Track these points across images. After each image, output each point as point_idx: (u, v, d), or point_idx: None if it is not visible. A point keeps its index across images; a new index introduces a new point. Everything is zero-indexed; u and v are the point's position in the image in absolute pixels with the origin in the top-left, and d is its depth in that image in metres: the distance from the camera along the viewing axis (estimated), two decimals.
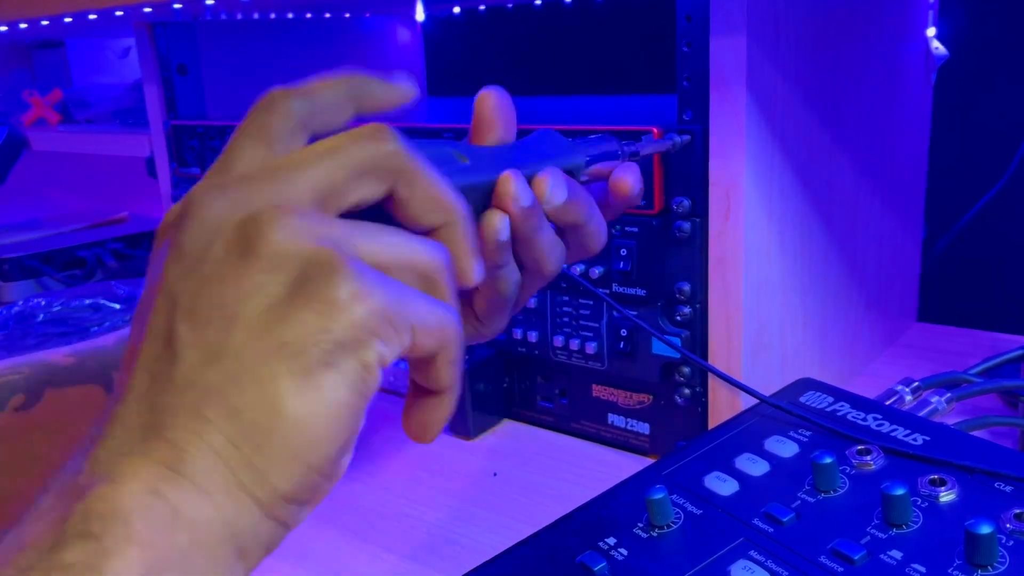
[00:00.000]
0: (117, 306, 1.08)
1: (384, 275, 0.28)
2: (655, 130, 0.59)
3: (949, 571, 0.36)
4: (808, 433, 0.48)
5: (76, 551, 0.24)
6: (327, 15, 1.10)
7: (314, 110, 0.33)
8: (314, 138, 0.32)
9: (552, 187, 0.37)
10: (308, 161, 0.29)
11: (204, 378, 0.26)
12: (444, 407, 0.32)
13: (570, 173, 0.39)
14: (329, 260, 0.27)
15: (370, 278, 0.27)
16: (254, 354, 0.26)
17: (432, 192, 0.31)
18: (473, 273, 0.33)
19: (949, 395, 0.59)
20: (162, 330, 0.27)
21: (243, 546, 0.26)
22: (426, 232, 0.32)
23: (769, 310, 0.63)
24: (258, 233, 0.27)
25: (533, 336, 0.70)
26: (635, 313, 0.63)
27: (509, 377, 0.74)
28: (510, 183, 0.35)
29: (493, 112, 0.38)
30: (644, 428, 0.67)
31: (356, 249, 0.28)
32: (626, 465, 0.66)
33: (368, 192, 0.30)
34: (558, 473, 0.66)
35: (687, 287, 0.61)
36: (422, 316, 0.29)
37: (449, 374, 0.31)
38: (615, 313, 0.65)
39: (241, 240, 0.27)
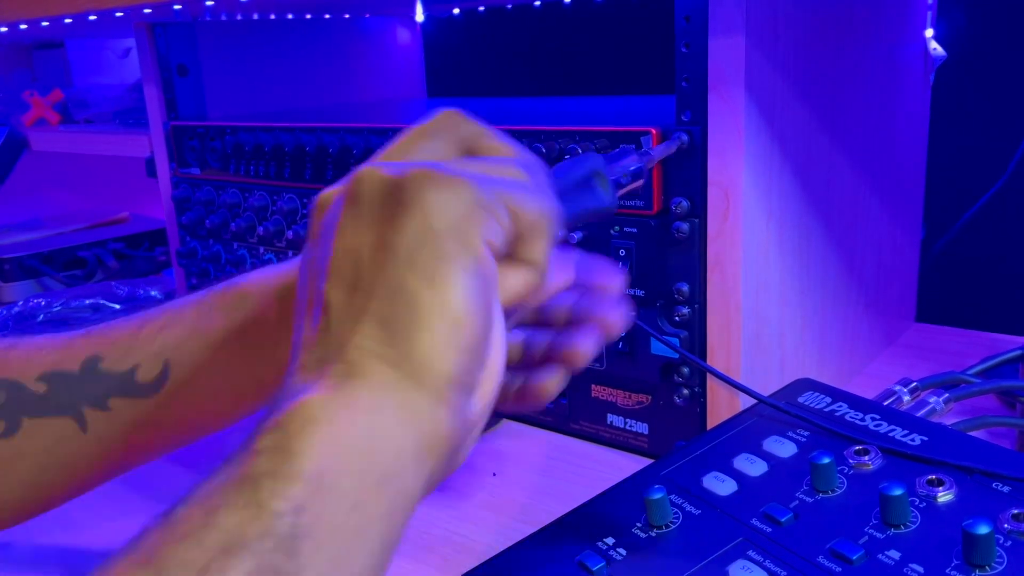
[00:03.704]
0: (117, 306, 1.08)
1: (470, 171, 0.32)
2: (653, 131, 0.59)
3: (947, 571, 0.37)
4: (806, 433, 0.48)
5: (268, 439, 0.27)
6: (327, 15, 1.10)
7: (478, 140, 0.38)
8: None
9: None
10: (404, 143, 0.37)
11: (352, 308, 0.30)
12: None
13: (596, 174, 0.41)
14: (415, 171, 0.31)
15: (457, 175, 0.31)
16: (381, 270, 0.30)
17: (502, 147, 0.37)
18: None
19: (947, 395, 0.59)
20: (314, 292, 0.32)
21: (424, 436, 0.30)
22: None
23: (768, 310, 0.63)
24: (359, 185, 0.32)
25: None
26: (634, 313, 0.63)
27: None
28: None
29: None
30: (643, 428, 0.67)
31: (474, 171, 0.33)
32: (625, 465, 0.66)
33: (499, 231, 0.34)
34: (557, 473, 0.66)
35: (686, 287, 0.61)
36: (515, 197, 0.33)
37: (542, 249, 0.34)
38: None
39: (350, 198, 0.32)
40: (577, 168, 0.40)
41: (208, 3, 0.83)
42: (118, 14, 0.87)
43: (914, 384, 0.60)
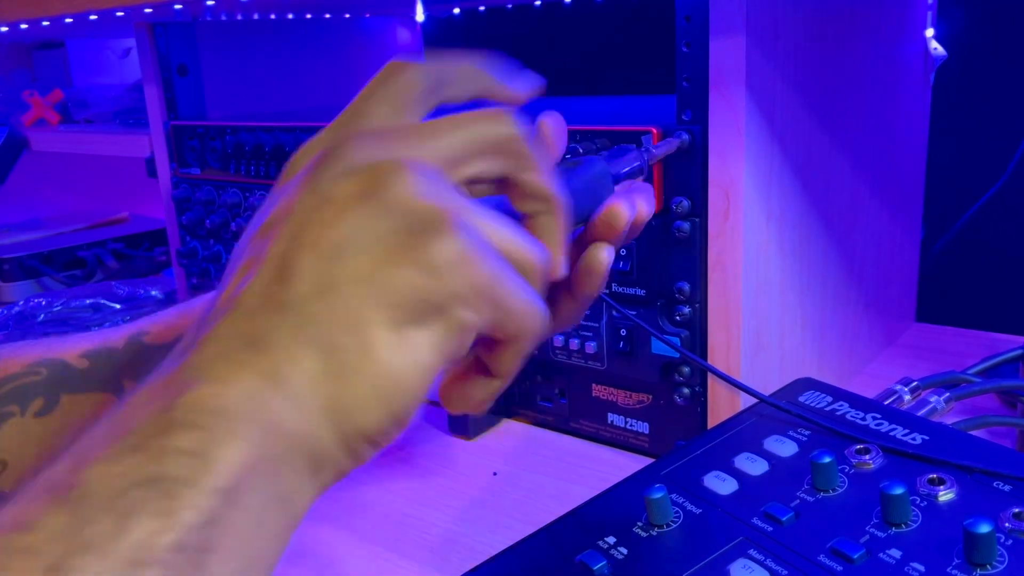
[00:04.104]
0: (117, 306, 1.08)
1: (492, 248, 0.30)
2: (654, 130, 0.59)
3: (948, 570, 0.37)
4: (807, 432, 0.48)
5: (185, 438, 0.25)
6: (327, 15, 1.10)
7: (439, 83, 0.35)
8: (437, 111, 0.34)
9: (650, 203, 0.40)
10: (440, 129, 0.31)
11: (309, 307, 0.28)
12: (493, 389, 0.34)
13: (602, 182, 0.40)
14: (443, 219, 0.28)
15: (479, 246, 0.29)
16: (357, 295, 0.28)
17: (543, 181, 0.33)
18: (561, 266, 0.35)
19: (948, 395, 0.59)
20: (281, 256, 0.28)
21: (319, 467, 0.28)
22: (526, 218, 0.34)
23: (768, 310, 0.63)
24: (384, 180, 0.28)
25: None
26: (634, 313, 0.63)
27: None
28: (623, 208, 0.38)
29: (554, 136, 0.40)
30: (644, 427, 0.67)
31: (469, 219, 0.30)
32: (626, 464, 0.66)
33: (488, 168, 0.32)
34: (558, 473, 0.66)
35: (686, 287, 0.61)
36: (516, 299, 0.30)
37: (514, 363, 0.32)
38: (615, 313, 0.65)
39: (368, 184, 0.28)
40: (585, 171, 0.40)
41: (208, 3, 0.83)
42: (118, 14, 0.87)
43: (915, 383, 0.60)
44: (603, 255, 0.37)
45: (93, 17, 0.92)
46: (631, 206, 0.38)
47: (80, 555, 0.23)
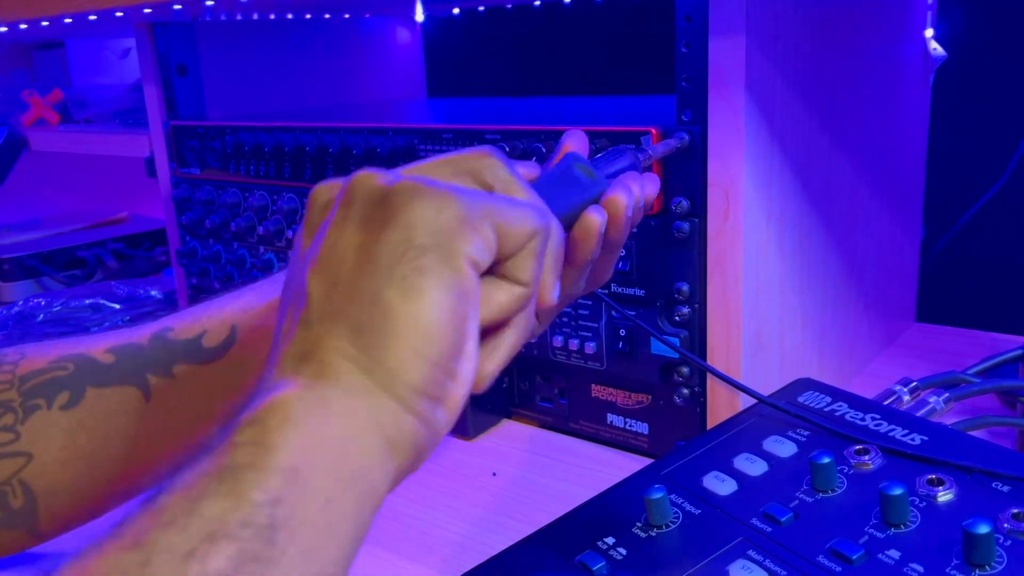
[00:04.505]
0: (117, 306, 1.08)
1: (459, 186, 0.33)
2: (654, 131, 0.59)
3: (947, 571, 0.37)
4: (806, 433, 0.48)
5: (248, 432, 0.28)
6: (327, 15, 1.10)
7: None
8: None
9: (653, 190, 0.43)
10: (427, 164, 0.36)
11: (329, 307, 0.31)
12: (517, 295, 0.35)
13: (594, 198, 0.40)
14: (405, 184, 0.32)
15: (445, 190, 0.32)
16: (361, 276, 0.31)
17: (505, 175, 0.36)
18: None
19: (947, 395, 0.59)
20: (298, 285, 0.33)
21: (391, 439, 0.31)
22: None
23: (768, 310, 0.63)
24: (353, 187, 0.33)
25: None
26: (634, 313, 0.63)
27: (509, 377, 0.74)
28: (622, 196, 0.40)
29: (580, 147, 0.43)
30: (643, 428, 0.67)
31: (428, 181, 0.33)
32: (625, 465, 0.66)
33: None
34: (557, 473, 0.66)
35: (686, 287, 0.61)
36: (503, 213, 0.33)
37: (530, 267, 0.34)
38: (614, 313, 0.65)
39: (344, 198, 0.33)
40: (583, 197, 0.40)
41: (208, 3, 0.83)
42: (118, 14, 0.87)
43: (914, 384, 0.60)
44: (594, 217, 0.39)
45: (92, 17, 0.92)
46: (627, 192, 0.41)
47: (162, 531, 0.26)
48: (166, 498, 0.27)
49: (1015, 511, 0.38)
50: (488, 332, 0.35)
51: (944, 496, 0.41)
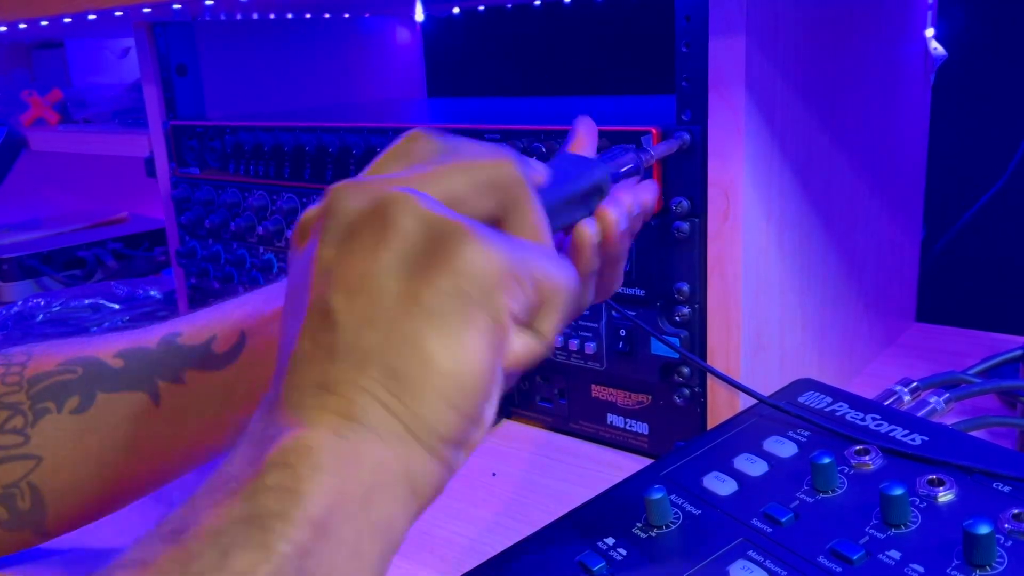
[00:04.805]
0: (116, 306, 1.08)
1: (505, 235, 0.33)
2: (654, 130, 0.59)
3: (947, 571, 0.36)
4: (807, 433, 0.48)
5: (275, 476, 0.27)
6: (326, 15, 1.10)
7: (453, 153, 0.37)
8: None
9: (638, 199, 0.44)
10: (441, 170, 0.33)
11: (362, 342, 0.30)
12: (534, 348, 0.34)
13: (599, 190, 0.40)
14: (457, 227, 0.31)
15: (493, 239, 0.31)
16: (401, 318, 0.30)
17: (535, 223, 0.35)
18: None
19: (948, 395, 0.59)
20: (321, 302, 0.30)
21: (416, 485, 0.30)
22: None
23: (768, 310, 0.63)
24: (394, 209, 0.30)
25: None
26: (634, 313, 0.63)
27: None
28: (612, 211, 0.41)
29: (586, 139, 0.44)
30: (643, 428, 0.67)
31: (478, 227, 0.32)
32: (625, 465, 0.66)
33: (483, 206, 0.33)
34: (557, 473, 0.66)
35: (686, 287, 0.61)
36: (542, 269, 0.33)
37: (555, 321, 0.34)
38: (614, 313, 0.65)
39: (379, 216, 0.31)
40: (582, 180, 0.40)
41: (208, 3, 0.83)
42: (117, 13, 0.87)
43: (915, 384, 0.60)
44: (586, 231, 0.40)
45: (92, 17, 0.92)
46: (616, 206, 0.41)
47: None
48: (193, 542, 0.26)
49: (1016, 511, 0.38)
50: None
51: (945, 496, 0.41)
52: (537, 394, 0.73)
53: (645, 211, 0.44)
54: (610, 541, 0.43)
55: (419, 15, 1.21)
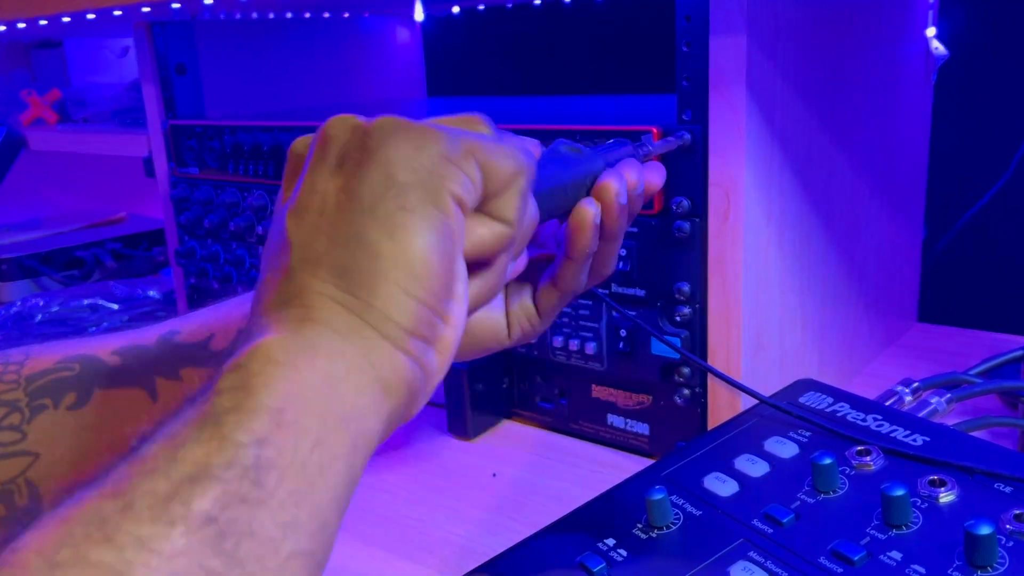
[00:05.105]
0: (115, 306, 1.07)
1: (441, 125, 0.32)
2: (654, 130, 0.59)
3: (949, 572, 0.36)
4: (808, 434, 0.48)
5: (230, 379, 0.28)
6: (326, 15, 1.10)
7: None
8: None
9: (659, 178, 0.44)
10: (462, 136, 0.34)
11: (311, 252, 0.31)
12: (499, 233, 0.34)
13: (595, 180, 0.41)
14: (382, 122, 0.31)
15: (421, 125, 0.32)
16: (342, 217, 0.30)
17: (485, 125, 0.36)
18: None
19: (949, 396, 0.59)
20: (276, 233, 0.32)
21: (384, 380, 0.30)
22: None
23: (768, 310, 0.63)
24: (330, 126, 0.32)
25: None
26: (634, 313, 0.63)
27: (508, 378, 0.74)
28: (613, 182, 0.40)
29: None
30: (643, 428, 0.67)
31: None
32: (625, 465, 0.66)
33: (475, 175, 0.34)
34: (558, 473, 0.66)
35: (686, 287, 0.61)
36: (487, 151, 0.32)
37: (513, 204, 0.34)
38: (615, 313, 0.65)
39: (319, 137, 0.32)
40: (577, 168, 0.40)
41: (207, 2, 0.83)
42: (116, 13, 0.87)
43: (916, 384, 0.60)
44: (587, 208, 0.39)
45: (91, 16, 0.92)
46: (618, 178, 0.40)
47: (144, 477, 0.26)
48: (149, 448, 0.27)
49: (1017, 512, 0.38)
50: (470, 271, 0.35)
51: (946, 497, 0.40)
52: (537, 394, 0.73)
53: (648, 192, 0.44)
54: (611, 542, 0.43)
55: (419, 14, 1.20)
